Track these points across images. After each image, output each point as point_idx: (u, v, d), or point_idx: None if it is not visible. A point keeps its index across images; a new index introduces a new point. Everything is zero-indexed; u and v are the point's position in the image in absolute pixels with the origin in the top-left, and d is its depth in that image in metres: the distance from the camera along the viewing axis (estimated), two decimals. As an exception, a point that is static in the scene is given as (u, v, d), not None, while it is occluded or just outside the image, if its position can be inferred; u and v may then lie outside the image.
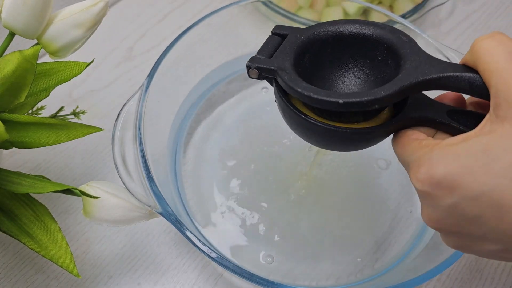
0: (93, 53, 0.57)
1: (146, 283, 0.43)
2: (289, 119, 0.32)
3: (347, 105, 0.28)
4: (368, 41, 0.32)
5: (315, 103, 0.28)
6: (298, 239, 0.43)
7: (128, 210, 0.36)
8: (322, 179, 0.46)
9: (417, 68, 0.28)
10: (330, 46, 0.33)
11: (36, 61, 0.34)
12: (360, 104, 0.27)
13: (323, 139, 0.32)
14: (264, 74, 0.32)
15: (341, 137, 0.31)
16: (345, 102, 0.28)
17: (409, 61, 0.29)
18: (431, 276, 0.35)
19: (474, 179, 0.24)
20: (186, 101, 0.50)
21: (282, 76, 0.30)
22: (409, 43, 0.30)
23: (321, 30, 0.33)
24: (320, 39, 0.33)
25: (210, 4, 0.64)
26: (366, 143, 0.32)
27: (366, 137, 0.31)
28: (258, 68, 0.32)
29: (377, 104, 0.28)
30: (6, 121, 0.33)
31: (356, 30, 0.32)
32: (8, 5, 0.33)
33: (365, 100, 0.27)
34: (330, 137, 0.31)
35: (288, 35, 0.33)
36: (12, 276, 0.43)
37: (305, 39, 0.32)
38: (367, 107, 0.28)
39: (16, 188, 0.34)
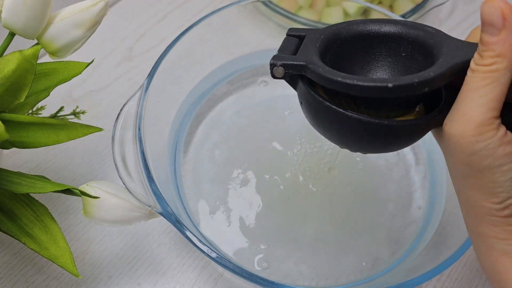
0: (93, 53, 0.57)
1: (146, 283, 0.43)
2: (324, 119, 0.30)
3: (397, 89, 0.25)
4: (389, 39, 0.31)
5: (360, 91, 0.26)
6: (298, 239, 0.43)
7: (128, 210, 0.36)
8: (323, 179, 0.46)
9: (457, 51, 0.27)
10: (349, 45, 0.31)
11: (36, 61, 0.34)
12: (410, 87, 0.25)
13: (364, 137, 0.29)
14: (291, 71, 0.29)
15: (386, 133, 0.28)
16: (395, 85, 0.25)
17: (445, 47, 0.28)
18: (431, 276, 0.35)
19: None
20: (186, 101, 0.50)
21: (314, 69, 0.28)
22: (438, 32, 0.29)
23: (339, 30, 0.31)
24: (339, 38, 0.31)
25: (210, 4, 0.64)
26: (408, 140, 0.30)
27: (414, 131, 0.29)
28: (284, 65, 0.29)
29: (427, 87, 0.26)
30: (6, 121, 0.33)
31: (375, 28, 0.31)
32: (8, 5, 0.33)
33: (416, 82, 0.25)
34: (374, 133, 0.28)
35: (306, 35, 0.31)
36: (12, 276, 0.43)
37: (325, 38, 0.31)
38: (417, 90, 0.26)
39: (16, 188, 0.34)
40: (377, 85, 0.26)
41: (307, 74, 0.29)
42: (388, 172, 0.48)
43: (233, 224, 0.44)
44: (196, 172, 0.47)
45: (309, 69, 0.28)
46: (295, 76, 0.30)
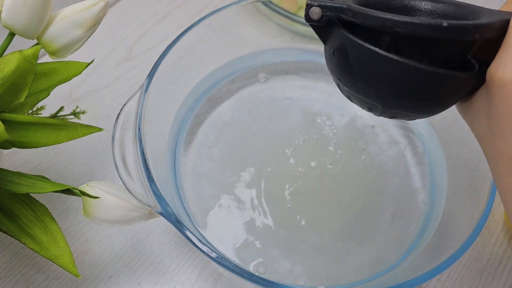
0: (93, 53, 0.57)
1: (146, 283, 0.43)
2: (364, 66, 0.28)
3: (451, 29, 0.24)
4: (418, 12, 0.30)
5: (413, 28, 0.25)
6: (299, 239, 0.43)
7: (128, 210, 0.36)
8: (324, 179, 0.46)
9: (498, 14, 0.26)
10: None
11: (36, 61, 0.34)
12: (464, 30, 0.25)
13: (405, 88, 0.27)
14: (330, 13, 0.27)
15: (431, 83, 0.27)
16: (450, 24, 0.24)
17: (482, 13, 0.27)
18: (431, 276, 0.35)
19: None
20: (186, 101, 0.50)
21: (359, 9, 0.26)
22: (470, 5, 0.29)
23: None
24: (369, 3, 0.30)
25: (210, 4, 0.64)
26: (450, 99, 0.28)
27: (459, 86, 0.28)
28: (322, 6, 0.27)
29: (479, 33, 0.25)
30: (6, 121, 0.33)
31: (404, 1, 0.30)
32: (8, 5, 0.33)
33: (470, 24, 0.25)
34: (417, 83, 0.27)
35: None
36: (12, 276, 0.43)
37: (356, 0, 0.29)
38: (470, 34, 0.25)
39: (16, 188, 0.34)
40: (432, 23, 0.25)
41: (349, 16, 0.27)
42: (387, 172, 0.48)
43: (234, 224, 0.44)
44: (196, 172, 0.47)
45: (351, 10, 0.27)
46: (330, 22, 0.28)
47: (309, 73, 0.54)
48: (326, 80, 0.53)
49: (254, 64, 0.54)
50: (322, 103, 0.52)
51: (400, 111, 0.30)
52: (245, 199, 0.45)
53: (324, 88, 0.53)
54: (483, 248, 0.46)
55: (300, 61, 0.55)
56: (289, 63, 0.54)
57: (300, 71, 0.54)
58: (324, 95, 0.52)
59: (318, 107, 0.51)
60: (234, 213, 0.44)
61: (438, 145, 0.49)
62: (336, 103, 0.51)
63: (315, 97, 0.52)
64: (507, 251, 0.46)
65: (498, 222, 0.47)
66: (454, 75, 0.27)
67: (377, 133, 0.50)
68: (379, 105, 0.29)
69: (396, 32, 0.25)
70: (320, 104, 0.52)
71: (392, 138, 0.50)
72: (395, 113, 0.30)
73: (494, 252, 0.46)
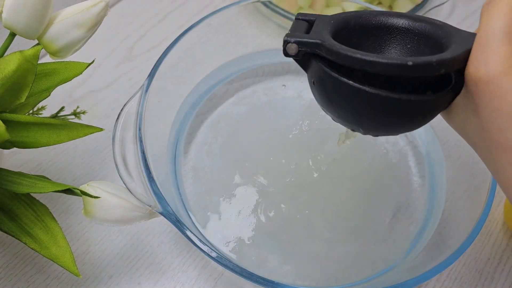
0: (94, 53, 0.57)
1: (146, 283, 0.43)
2: (339, 96, 0.29)
3: (416, 67, 0.26)
4: (396, 31, 0.31)
5: (380, 68, 0.26)
6: (299, 239, 0.44)
7: (129, 210, 0.36)
8: (324, 178, 0.47)
9: (468, 39, 0.27)
10: (357, 34, 0.32)
11: (37, 62, 0.34)
12: (429, 66, 0.26)
13: (380, 114, 0.29)
14: (306, 48, 0.29)
15: (403, 109, 0.28)
16: (415, 63, 0.26)
17: (454, 37, 0.28)
18: (430, 276, 0.35)
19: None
20: (186, 101, 0.50)
21: (332, 46, 0.28)
22: (445, 24, 0.30)
23: (348, 18, 0.31)
24: (348, 26, 0.31)
25: (210, 4, 0.64)
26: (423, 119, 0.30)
27: (430, 107, 0.29)
28: (298, 42, 0.29)
29: (444, 67, 0.26)
30: (7, 121, 0.33)
31: (383, 20, 0.31)
32: (9, 6, 0.33)
33: (435, 61, 0.26)
34: (390, 110, 0.28)
35: (316, 20, 0.31)
36: (13, 276, 0.43)
37: (335, 23, 0.31)
38: (434, 70, 0.26)
39: (16, 188, 0.34)
40: (398, 63, 0.26)
41: (323, 52, 0.28)
42: (387, 172, 0.48)
43: (234, 223, 0.44)
44: (196, 171, 0.47)
45: (325, 47, 0.28)
46: (307, 55, 0.30)
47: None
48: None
49: (254, 64, 0.54)
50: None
51: (382, 133, 0.32)
52: (246, 199, 0.45)
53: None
54: (483, 248, 0.46)
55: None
56: (289, 64, 0.54)
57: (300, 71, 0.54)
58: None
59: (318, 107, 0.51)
60: (234, 213, 0.45)
61: (437, 146, 0.49)
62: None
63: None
64: (506, 251, 0.46)
65: (497, 222, 0.48)
66: (427, 99, 0.28)
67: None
68: (360, 128, 0.31)
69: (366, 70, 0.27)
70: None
71: (392, 138, 0.50)
72: (378, 133, 0.32)
73: (493, 252, 0.46)
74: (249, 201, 0.45)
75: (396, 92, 0.27)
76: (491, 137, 0.26)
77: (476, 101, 0.26)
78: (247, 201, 0.45)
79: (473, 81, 0.26)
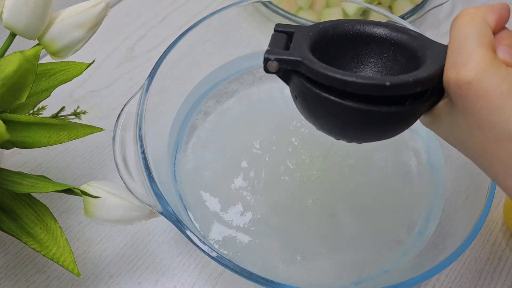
0: (94, 54, 0.57)
1: (146, 283, 0.43)
2: (321, 111, 0.30)
3: (394, 87, 0.27)
4: (372, 40, 0.32)
5: (358, 88, 0.27)
6: (299, 239, 0.44)
7: (129, 209, 0.36)
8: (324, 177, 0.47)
9: (442, 54, 0.29)
10: (335, 44, 0.32)
11: (37, 62, 0.34)
12: (406, 86, 0.27)
13: (362, 126, 0.30)
14: (286, 66, 0.29)
15: (384, 120, 0.29)
16: (392, 84, 0.27)
17: (429, 50, 0.29)
18: (430, 276, 0.35)
19: None
20: (186, 101, 0.50)
21: (311, 65, 0.28)
22: (420, 36, 0.31)
23: (326, 28, 0.32)
24: (326, 37, 0.32)
25: (210, 5, 0.64)
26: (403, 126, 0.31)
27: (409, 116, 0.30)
28: (279, 60, 0.29)
29: (421, 86, 0.27)
30: (8, 121, 0.33)
31: (359, 29, 0.32)
32: (10, 6, 0.34)
33: (411, 81, 0.27)
34: (372, 121, 0.29)
35: (295, 32, 0.32)
36: (13, 276, 0.43)
37: (313, 35, 0.31)
38: (411, 89, 0.27)
39: (17, 188, 0.35)
40: (376, 83, 0.27)
41: (303, 70, 0.29)
42: (387, 172, 0.48)
43: (234, 223, 0.44)
44: (196, 171, 0.47)
45: (305, 65, 0.29)
46: (289, 71, 0.30)
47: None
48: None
49: (254, 64, 0.54)
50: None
51: (366, 141, 0.33)
52: (246, 198, 0.45)
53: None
54: (482, 247, 0.46)
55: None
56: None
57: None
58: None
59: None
60: (235, 213, 0.45)
61: (437, 146, 0.49)
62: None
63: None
64: (506, 251, 0.46)
65: (497, 222, 0.48)
66: (407, 109, 0.29)
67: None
68: (343, 138, 0.32)
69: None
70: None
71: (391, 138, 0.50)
72: (362, 141, 0.33)
73: (493, 251, 0.46)
74: (250, 201, 0.45)
75: (377, 105, 0.28)
76: (485, 134, 0.27)
77: (461, 103, 0.27)
78: (247, 201, 0.45)
79: (456, 85, 0.27)
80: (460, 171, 0.45)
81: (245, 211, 0.45)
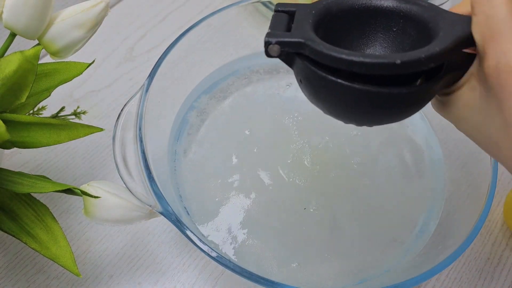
0: (94, 54, 0.57)
1: (146, 283, 0.43)
2: (327, 94, 0.28)
3: (405, 65, 0.25)
4: (379, 13, 0.30)
5: (366, 68, 0.25)
6: (298, 240, 0.44)
7: (129, 209, 0.36)
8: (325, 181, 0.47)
9: (456, 25, 0.26)
10: (340, 20, 0.30)
11: (37, 62, 0.34)
12: (418, 63, 0.25)
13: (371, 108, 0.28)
14: (288, 49, 0.28)
15: (395, 101, 0.27)
16: (403, 62, 0.25)
17: (441, 21, 0.27)
18: (430, 276, 0.35)
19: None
20: (186, 101, 0.50)
21: (315, 46, 0.26)
22: (431, 6, 0.29)
23: (330, 4, 0.30)
24: (330, 13, 0.30)
25: (210, 5, 0.64)
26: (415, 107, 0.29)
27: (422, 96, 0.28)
28: (280, 42, 0.27)
29: (434, 61, 0.25)
30: (8, 121, 0.33)
31: (365, 2, 0.30)
32: (10, 6, 0.34)
33: (423, 57, 0.25)
34: (382, 103, 0.27)
35: (296, 11, 0.30)
36: (13, 276, 0.43)
37: (317, 13, 0.29)
38: (424, 65, 0.25)
39: (17, 188, 0.35)
40: (384, 62, 0.25)
41: (306, 52, 0.27)
42: (386, 171, 0.48)
43: (234, 223, 0.44)
44: (196, 171, 0.47)
45: (308, 47, 0.27)
46: (291, 54, 0.28)
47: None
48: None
49: (254, 64, 0.54)
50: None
51: (376, 124, 0.31)
52: (247, 198, 0.45)
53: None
54: (482, 247, 0.46)
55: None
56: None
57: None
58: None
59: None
60: (235, 213, 0.45)
61: (437, 145, 0.49)
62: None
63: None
64: (506, 251, 0.46)
65: (497, 222, 0.48)
66: (419, 88, 0.27)
67: (376, 133, 0.50)
68: (353, 122, 0.30)
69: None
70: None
71: (391, 138, 0.50)
72: (372, 125, 0.31)
73: (493, 251, 0.46)
74: (250, 201, 0.45)
75: (387, 86, 0.26)
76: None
77: (500, 95, 0.25)
78: (248, 201, 0.45)
79: (496, 74, 0.25)
80: (461, 171, 0.45)
81: (246, 211, 0.45)
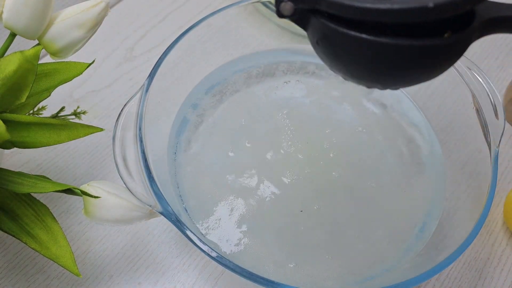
0: (94, 54, 0.57)
1: (146, 283, 0.43)
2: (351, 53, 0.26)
3: (440, 7, 0.22)
4: None
5: (396, 16, 0.23)
6: (298, 240, 0.44)
7: (129, 209, 0.36)
8: (324, 181, 0.47)
9: None
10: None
11: (37, 62, 0.34)
12: (454, 4, 0.22)
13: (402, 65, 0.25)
14: (302, 5, 0.25)
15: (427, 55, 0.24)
16: (437, 4, 0.22)
17: None
18: (430, 276, 0.35)
19: None
20: (186, 101, 0.50)
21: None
22: None
23: None
24: None
25: (210, 5, 0.64)
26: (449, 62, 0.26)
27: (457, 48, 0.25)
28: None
29: (469, 4, 0.23)
30: (7, 121, 0.33)
31: None
32: (10, 6, 0.34)
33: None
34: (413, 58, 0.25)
35: None
36: (13, 276, 0.43)
37: None
38: (461, 7, 0.23)
39: (17, 188, 0.35)
40: (416, 7, 0.22)
41: (323, 6, 0.25)
42: (386, 171, 0.48)
43: (234, 223, 0.44)
44: (196, 171, 0.47)
45: (326, 0, 0.24)
46: (306, 12, 0.26)
47: (309, 73, 0.54)
48: (326, 80, 0.53)
49: (254, 64, 0.54)
50: (320, 102, 0.52)
51: (403, 85, 0.28)
52: (247, 198, 0.45)
53: (324, 88, 0.53)
54: (482, 247, 0.46)
55: (299, 61, 0.55)
56: (289, 63, 0.55)
57: (300, 71, 0.54)
58: (323, 94, 0.52)
59: (317, 107, 0.52)
60: (235, 213, 0.45)
61: (437, 145, 0.49)
62: (334, 103, 0.52)
63: (315, 97, 0.52)
64: (506, 251, 0.46)
65: (497, 222, 0.48)
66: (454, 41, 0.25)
67: (376, 133, 0.50)
68: (378, 85, 0.28)
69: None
70: (319, 103, 0.52)
71: (391, 138, 0.50)
72: (399, 87, 0.28)
73: (493, 251, 0.46)
74: (250, 201, 0.45)
75: (418, 38, 0.24)
76: None
77: None
78: (248, 201, 0.45)
79: None
80: (461, 171, 0.45)
81: (246, 211, 0.45)
